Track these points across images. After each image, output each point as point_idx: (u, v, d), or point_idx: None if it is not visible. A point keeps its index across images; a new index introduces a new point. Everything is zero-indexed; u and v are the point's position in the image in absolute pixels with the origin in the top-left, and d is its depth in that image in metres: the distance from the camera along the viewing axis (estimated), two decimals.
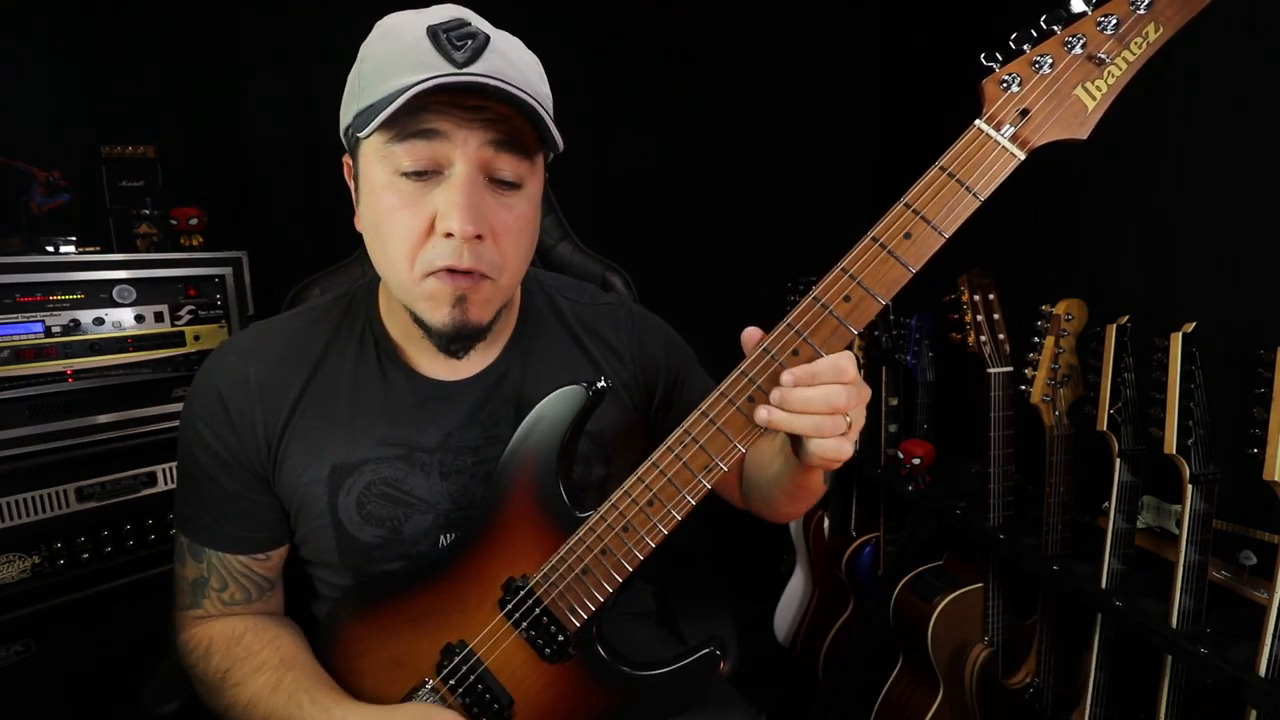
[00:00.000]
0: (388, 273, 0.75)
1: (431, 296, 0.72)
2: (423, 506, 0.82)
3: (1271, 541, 1.14)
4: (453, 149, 0.69)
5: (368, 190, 0.73)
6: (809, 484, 0.77)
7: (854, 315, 0.63)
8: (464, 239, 0.69)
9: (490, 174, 0.71)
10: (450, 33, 0.68)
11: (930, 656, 1.51)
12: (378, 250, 0.74)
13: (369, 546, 0.81)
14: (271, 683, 0.77)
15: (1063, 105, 0.60)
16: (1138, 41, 0.58)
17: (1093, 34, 0.59)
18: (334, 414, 0.81)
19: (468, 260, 0.70)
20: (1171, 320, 1.08)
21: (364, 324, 0.84)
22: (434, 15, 0.71)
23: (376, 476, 0.80)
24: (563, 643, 0.74)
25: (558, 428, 0.75)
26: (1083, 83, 0.59)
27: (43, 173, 1.55)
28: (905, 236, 0.62)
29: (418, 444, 0.82)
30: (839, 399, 0.61)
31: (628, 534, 0.71)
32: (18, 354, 1.37)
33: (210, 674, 0.79)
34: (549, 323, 0.90)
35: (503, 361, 0.86)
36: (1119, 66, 0.59)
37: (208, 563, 0.82)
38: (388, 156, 0.70)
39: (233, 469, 0.80)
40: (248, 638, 0.81)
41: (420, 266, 0.71)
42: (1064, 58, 0.59)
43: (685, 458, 0.68)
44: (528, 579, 0.75)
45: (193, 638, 0.82)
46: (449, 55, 0.67)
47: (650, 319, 0.98)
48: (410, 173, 0.69)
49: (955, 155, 0.61)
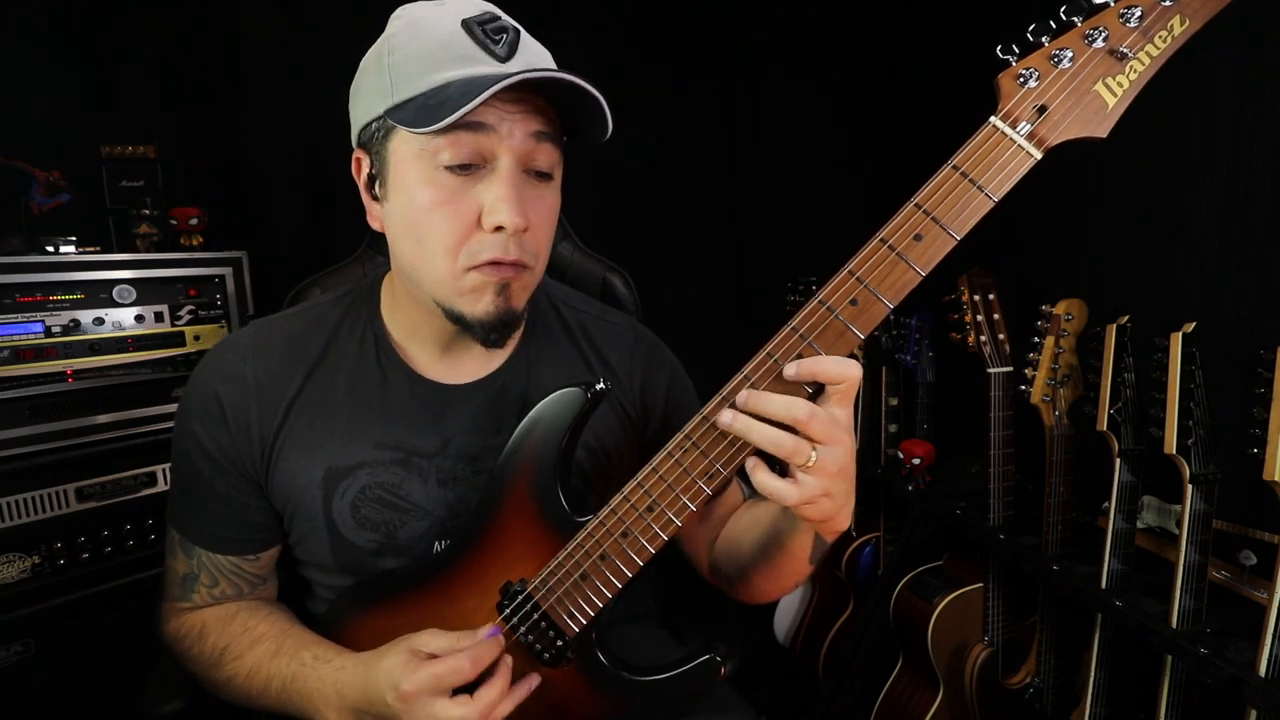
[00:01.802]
0: (423, 269, 0.72)
1: (474, 289, 0.72)
2: (418, 513, 0.81)
3: (1271, 541, 1.14)
4: (499, 142, 0.68)
5: (399, 186, 0.71)
6: (795, 551, 0.73)
7: (860, 319, 0.61)
8: (514, 232, 0.69)
9: (528, 165, 0.71)
10: (484, 25, 0.69)
11: (930, 656, 1.51)
12: (411, 247, 0.72)
13: (363, 551, 0.81)
14: (271, 649, 0.78)
15: (1082, 102, 0.56)
16: (1162, 35, 0.55)
17: (1115, 27, 0.56)
18: (331, 414, 0.80)
19: (513, 252, 0.70)
20: (1171, 320, 1.08)
21: (365, 323, 0.83)
22: (461, 8, 0.71)
23: (372, 480, 0.80)
24: (561, 648, 0.74)
25: (556, 430, 0.74)
26: (1104, 78, 0.56)
27: (43, 173, 1.55)
28: (915, 239, 0.59)
29: (416, 448, 0.81)
30: (799, 409, 0.57)
31: (627, 540, 0.69)
32: (18, 354, 1.37)
33: (206, 652, 0.80)
34: (555, 331, 0.90)
35: (507, 368, 0.85)
36: (1142, 61, 0.56)
37: (198, 560, 0.82)
38: (428, 150, 0.68)
39: (225, 471, 0.80)
40: (242, 615, 0.82)
41: (464, 260, 0.70)
42: (1085, 52, 0.56)
43: (686, 463, 0.67)
44: (526, 583, 0.75)
45: (183, 624, 0.83)
46: (489, 49, 0.68)
47: (659, 349, 0.95)
48: (454, 166, 0.68)
49: (969, 154, 0.59)
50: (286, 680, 0.76)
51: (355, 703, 0.71)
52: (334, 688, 0.73)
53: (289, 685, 0.75)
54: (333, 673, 0.74)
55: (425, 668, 0.67)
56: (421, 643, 0.70)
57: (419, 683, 0.66)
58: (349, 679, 0.72)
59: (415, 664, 0.68)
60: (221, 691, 0.80)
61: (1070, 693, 1.40)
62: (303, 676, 0.75)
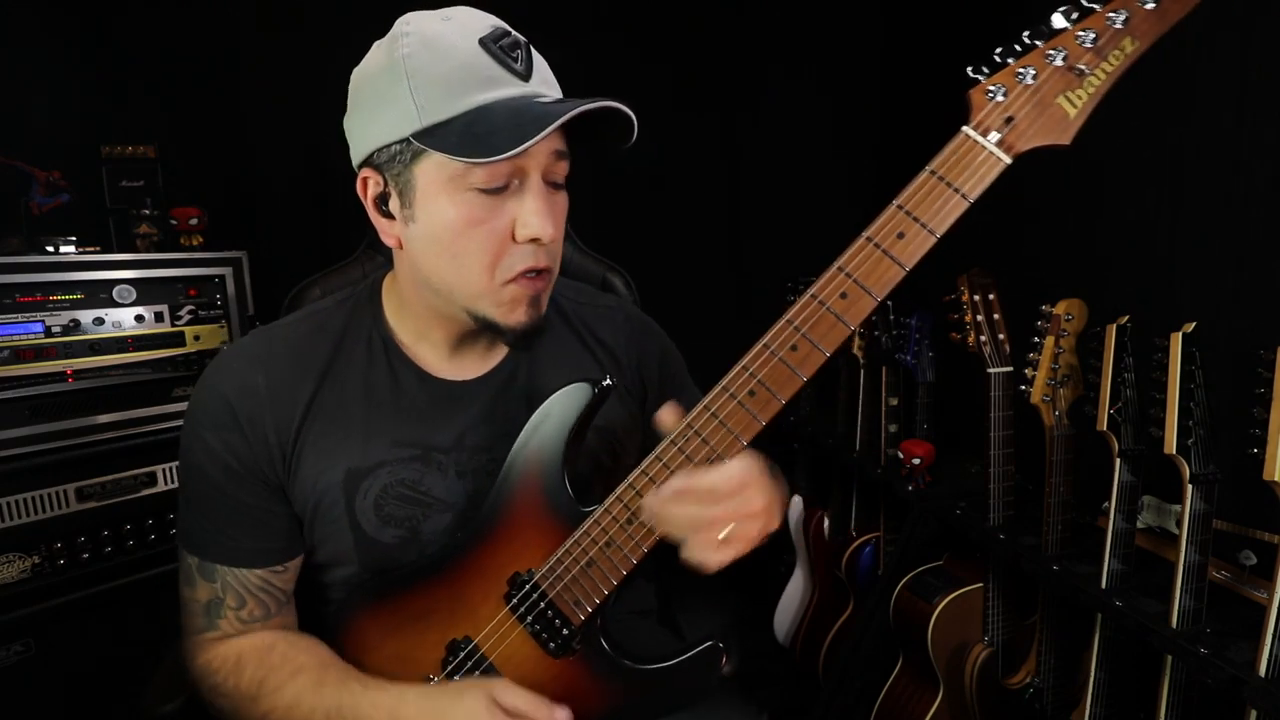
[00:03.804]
0: (457, 285, 0.74)
1: (512, 300, 0.75)
2: (441, 506, 0.82)
3: (1271, 541, 1.14)
4: (528, 160, 0.71)
5: (428, 208, 0.72)
6: None
7: (850, 312, 0.65)
8: (547, 242, 0.73)
9: (548, 178, 0.75)
10: (499, 43, 0.70)
11: (930, 656, 1.51)
12: (445, 264, 0.74)
13: (388, 547, 0.81)
14: (314, 680, 0.77)
15: (1045, 113, 0.63)
16: (1115, 54, 0.61)
17: (1072, 47, 0.61)
18: (347, 418, 0.80)
19: (544, 260, 0.75)
20: (1171, 320, 1.08)
21: (370, 328, 0.84)
22: (470, 23, 0.71)
23: (394, 478, 0.81)
24: (567, 636, 0.75)
25: (564, 424, 0.76)
26: (1064, 92, 0.62)
27: (43, 173, 1.56)
28: (898, 236, 0.64)
29: (433, 444, 0.82)
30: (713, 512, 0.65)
31: (632, 527, 0.71)
32: (18, 354, 1.37)
33: (244, 685, 0.77)
34: (554, 321, 0.91)
35: (510, 360, 0.87)
36: (1098, 77, 0.61)
37: (221, 581, 0.80)
38: (462, 174, 0.69)
39: (244, 479, 0.79)
40: (280, 646, 0.80)
41: (501, 274, 0.73)
42: (1046, 69, 0.62)
43: (688, 450, 0.69)
44: (533, 573, 0.76)
45: (216, 656, 0.80)
46: (511, 69, 0.70)
47: (649, 325, 0.99)
48: (489, 189, 0.70)
49: (944, 159, 0.64)
50: (332, 711, 0.75)
51: None
52: (389, 713, 0.74)
53: (334, 715, 0.75)
54: (389, 699, 0.75)
55: None
56: (500, 693, 0.73)
57: None
58: (412, 710, 0.73)
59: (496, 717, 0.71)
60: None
61: (1070, 693, 1.40)
62: (352, 705, 0.75)
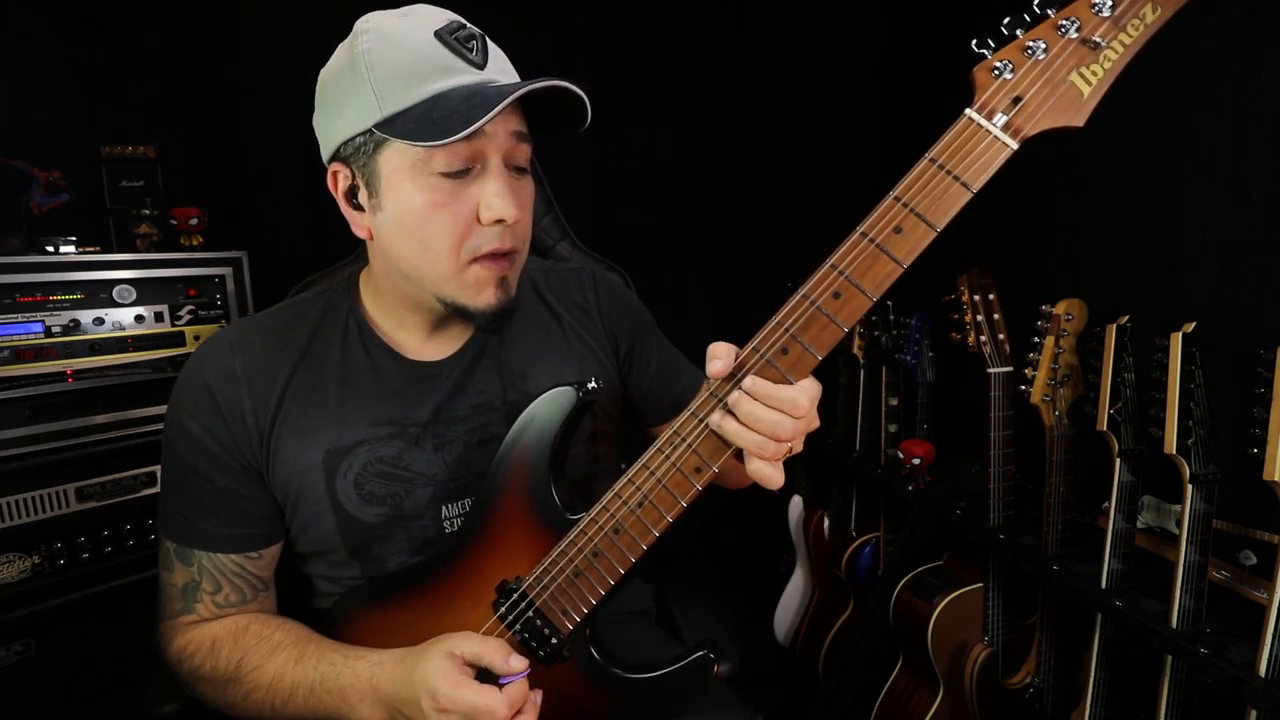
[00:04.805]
0: (425, 268, 0.76)
1: (477, 282, 0.77)
2: (421, 480, 0.83)
3: (1271, 541, 1.14)
4: (487, 143, 0.73)
5: (393, 195, 0.74)
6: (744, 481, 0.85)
7: (843, 312, 0.62)
8: (511, 223, 0.75)
9: (510, 162, 0.76)
10: (455, 35, 0.72)
11: (930, 656, 1.51)
12: (412, 249, 0.75)
13: (371, 526, 0.82)
14: (294, 655, 0.77)
15: (1057, 92, 0.57)
16: (1134, 24, 0.55)
17: (1088, 17, 0.56)
18: (323, 400, 0.82)
19: (509, 241, 0.76)
20: (1171, 320, 1.08)
21: (346, 314, 0.86)
22: (427, 18, 0.73)
23: (373, 456, 0.82)
24: (556, 645, 0.74)
25: (549, 429, 0.76)
26: (1078, 68, 0.57)
27: (43, 173, 1.55)
28: (895, 231, 0.60)
29: (410, 420, 0.84)
30: (784, 429, 0.63)
31: (619, 536, 0.70)
32: (18, 354, 1.37)
33: (221, 667, 0.78)
34: (523, 290, 0.92)
35: (480, 334, 0.89)
36: (1115, 50, 0.56)
37: (198, 565, 0.81)
38: (424, 160, 0.72)
39: (223, 463, 0.80)
40: (254, 626, 0.81)
41: (465, 255, 0.75)
42: (1058, 42, 0.57)
43: (675, 458, 0.67)
44: (520, 581, 0.75)
45: (191, 641, 0.81)
46: (466, 58, 0.72)
47: (611, 280, 1.03)
48: (451, 173, 0.72)
49: (945, 146, 0.59)
50: (315, 684, 0.75)
51: (389, 697, 0.72)
52: (369, 682, 0.74)
53: (318, 688, 0.75)
54: (368, 668, 0.74)
55: (464, 689, 0.68)
56: (455, 644, 0.72)
57: (455, 702, 0.67)
58: (386, 674, 0.73)
59: (454, 673, 0.69)
60: (237, 709, 0.79)
61: (1070, 693, 1.40)
62: (334, 676, 0.75)
